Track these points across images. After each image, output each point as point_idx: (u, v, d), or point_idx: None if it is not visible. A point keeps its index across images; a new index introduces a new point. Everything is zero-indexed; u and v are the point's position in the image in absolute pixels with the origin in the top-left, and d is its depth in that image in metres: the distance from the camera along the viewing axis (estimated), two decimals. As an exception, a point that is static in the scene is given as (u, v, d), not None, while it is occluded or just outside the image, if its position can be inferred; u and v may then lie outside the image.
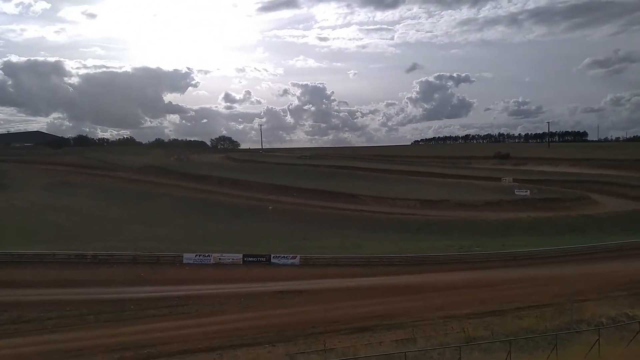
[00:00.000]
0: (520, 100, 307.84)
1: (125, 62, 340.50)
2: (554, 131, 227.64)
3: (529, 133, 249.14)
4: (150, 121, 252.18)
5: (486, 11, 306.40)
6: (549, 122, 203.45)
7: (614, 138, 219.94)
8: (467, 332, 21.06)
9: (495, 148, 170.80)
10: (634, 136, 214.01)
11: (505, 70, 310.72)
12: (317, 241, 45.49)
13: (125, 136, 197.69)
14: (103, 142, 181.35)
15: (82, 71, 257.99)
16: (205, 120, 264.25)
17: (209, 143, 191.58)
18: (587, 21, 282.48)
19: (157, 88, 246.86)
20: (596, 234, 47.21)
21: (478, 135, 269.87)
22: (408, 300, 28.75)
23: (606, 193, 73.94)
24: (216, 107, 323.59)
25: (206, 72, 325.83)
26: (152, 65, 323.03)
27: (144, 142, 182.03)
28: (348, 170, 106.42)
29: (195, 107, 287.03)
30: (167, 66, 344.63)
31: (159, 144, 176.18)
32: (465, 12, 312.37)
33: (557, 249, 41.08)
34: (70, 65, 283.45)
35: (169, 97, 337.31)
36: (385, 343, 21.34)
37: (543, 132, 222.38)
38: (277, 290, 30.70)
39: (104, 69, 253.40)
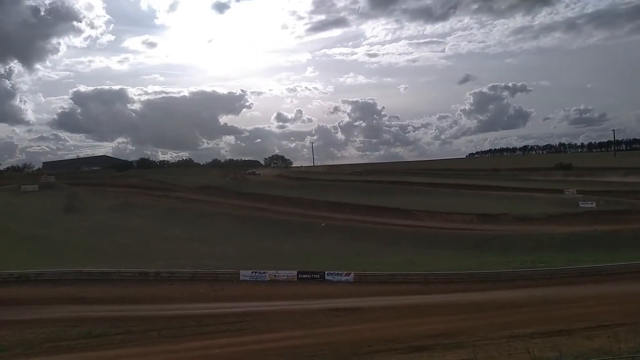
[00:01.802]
0: (581, 108, 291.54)
1: (183, 87, 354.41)
2: (620, 139, 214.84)
3: (593, 142, 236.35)
4: (207, 142, 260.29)
5: (541, 18, 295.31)
6: (614, 130, 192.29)
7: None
8: (532, 352, 20.04)
9: (556, 159, 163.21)
10: None
11: (564, 77, 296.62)
12: (371, 258, 45.05)
13: (184, 157, 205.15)
14: (163, 163, 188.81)
15: (144, 97, 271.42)
16: (258, 140, 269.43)
17: (262, 162, 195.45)
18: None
19: (213, 111, 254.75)
20: (672, 247, 43.79)
21: (537, 145, 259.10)
22: (469, 319, 27.79)
23: (682, 203, 68.49)
24: (269, 126, 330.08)
25: (259, 94, 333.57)
26: (208, 89, 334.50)
27: (201, 163, 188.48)
28: (401, 185, 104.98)
29: (249, 128, 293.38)
30: (222, 89, 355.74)
31: (215, 164, 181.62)
32: (519, 20, 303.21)
33: (629, 264, 38.42)
34: (132, 92, 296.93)
35: (224, 119, 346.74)
36: (444, 363, 20.72)
37: (608, 141, 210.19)
38: (331, 307, 30.60)
39: (164, 95, 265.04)
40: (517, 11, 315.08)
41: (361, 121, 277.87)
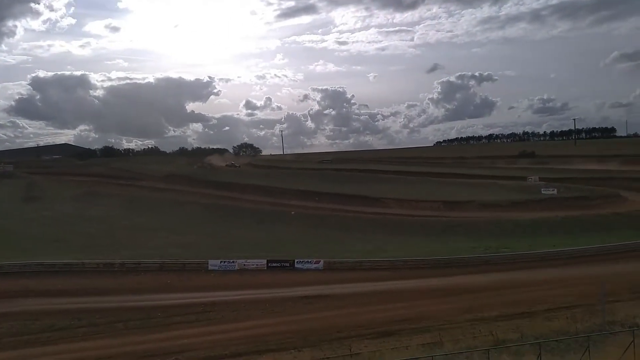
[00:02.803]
0: (545, 97, 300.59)
1: (148, 73, 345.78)
2: (581, 128, 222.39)
3: (555, 131, 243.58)
4: (173, 130, 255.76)
5: (508, 8, 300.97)
6: (575, 119, 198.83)
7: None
8: (495, 335, 20.69)
9: (520, 147, 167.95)
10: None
11: (528, 67, 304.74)
12: (341, 245, 45.40)
13: (149, 146, 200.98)
14: (128, 152, 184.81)
15: (107, 84, 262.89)
16: (227, 128, 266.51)
17: (231, 150, 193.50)
18: (613, 14, 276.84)
19: (179, 98, 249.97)
20: (627, 232, 45.73)
21: (502, 134, 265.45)
22: (435, 304, 28.44)
23: (637, 190, 71.70)
24: (237, 114, 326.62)
25: (227, 80, 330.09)
26: (174, 75, 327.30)
27: (168, 151, 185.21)
28: (370, 174, 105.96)
29: (217, 115, 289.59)
30: (189, 76, 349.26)
31: (182, 152, 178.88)
32: (486, 10, 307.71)
33: (587, 248, 40.05)
34: (95, 78, 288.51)
35: (191, 106, 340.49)
36: (411, 347, 21.12)
37: (569, 130, 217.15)
38: (301, 295, 30.75)
39: (128, 81, 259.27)
40: (485, 1, 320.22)
41: (331, 109, 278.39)
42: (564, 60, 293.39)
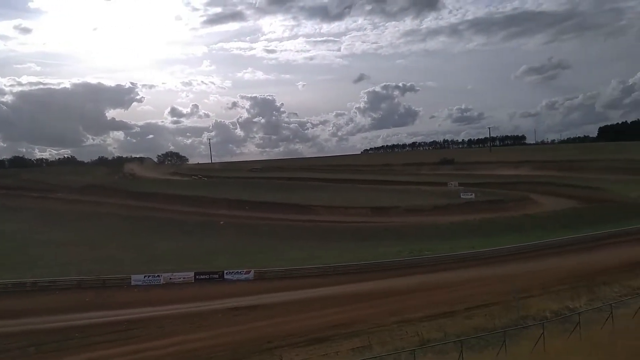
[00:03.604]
0: (463, 107, 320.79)
1: (64, 78, 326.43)
2: (495, 136, 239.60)
3: (472, 138, 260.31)
4: (92, 139, 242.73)
5: (428, 22, 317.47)
6: (489, 128, 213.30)
7: (549, 140, 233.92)
8: (420, 335, 21.51)
9: (441, 154, 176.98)
10: (567, 138, 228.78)
11: (448, 78, 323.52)
12: (272, 254, 45.08)
13: (65, 155, 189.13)
14: (41, 162, 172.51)
15: (17, 88, 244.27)
16: (151, 136, 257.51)
17: (155, 159, 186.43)
18: (522, 30, 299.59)
19: (98, 104, 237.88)
20: (537, 232, 49.61)
21: (424, 142, 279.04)
22: (363, 308, 28.97)
23: (545, 193, 78.05)
24: (162, 122, 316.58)
25: (151, 87, 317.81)
26: (93, 80, 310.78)
27: (86, 161, 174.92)
28: (300, 182, 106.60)
29: (141, 123, 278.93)
30: (109, 81, 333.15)
31: (102, 162, 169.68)
32: (408, 23, 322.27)
33: (502, 248, 42.81)
34: (2, 82, 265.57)
35: (112, 113, 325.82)
36: (342, 352, 21.42)
37: (485, 137, 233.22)
38: (230, 307, 30.09)
39: (41, 86, 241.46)
40: (407, 14, 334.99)
41: (260, 117, 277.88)
42: (479, 72, 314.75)
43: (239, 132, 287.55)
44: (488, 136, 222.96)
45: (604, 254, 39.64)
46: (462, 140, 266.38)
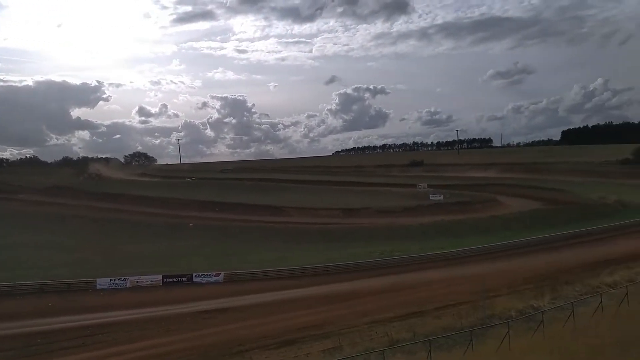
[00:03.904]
0: (432, 110, 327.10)
1: (27, 76, 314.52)
2: (463, 139, 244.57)
3: (441, 141, 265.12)
4: (56, 138, 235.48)
5: (399, 25, 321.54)
6: (457, 131, 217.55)
7: (515, 143, 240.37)
8: (390, 335, 21.73)
9: (411, 156, 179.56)
10: (532, 141, 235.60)
11: (418, 81, 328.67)
12: (242, 256, 44.73)
13: (28, 155, 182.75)
14: (2, 162, 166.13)
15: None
16: (118, 136, 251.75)
17: (122, 160, 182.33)
18: (489, 35, 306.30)
19: (63, 103, 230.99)
20: (504, 233, 50.90)
21: (395, 144, 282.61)
22: (335, 309, 29.02)
23: (511, 194, 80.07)
24: (130, 121, 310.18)
25: (118, 86, 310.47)
26: (57, 78, 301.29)
27: (49, 161, 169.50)
28: (271, 183, 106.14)
29: (107, 122, 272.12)
30: (75, 79, 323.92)
31: (66, 162, 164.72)
32: (379, 27, 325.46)
33: (470, 249, 43.73)
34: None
35: (77, 112, 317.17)
36: (312, 354, 21.45)
37: (453, 140, 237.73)
38: (200, 310, 29.69)
39: (1, 83, 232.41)
40: (378, 17, 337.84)
41: (231, 118, 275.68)
42: (448, 75, 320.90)
43: (209, 132, 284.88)
44: (456, 139, 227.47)
45: (567, 254, 40.97)
46: (432, 142, 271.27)
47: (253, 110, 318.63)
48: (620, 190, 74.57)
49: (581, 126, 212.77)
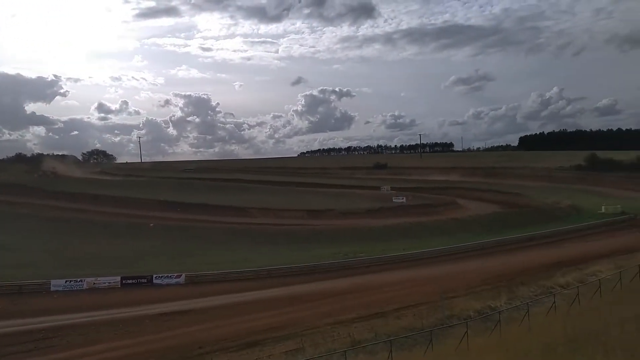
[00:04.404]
0: (396, 114, 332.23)
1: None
2: (426, 143, 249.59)
3: (404, 144, 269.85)
4: (9, 134, 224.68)
5: (364, 29, 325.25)
6: (420, 135, 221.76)
7: (475, 148, 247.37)
8: (352, 336, 21.89)
9: (375, 159, 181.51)
10: (491, 146, 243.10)
11: (382, 85, 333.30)
12: (205, 257, 44.05)
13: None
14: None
15: None
16: (75, 133, 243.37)
17: (80, 157, 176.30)
18: (451, 42, 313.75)
19: (16, 97, 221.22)
20: (463, 235, 52.20)
21: (359, 147, 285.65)
22: (297, 310, 28.97)
23: (471, 198, 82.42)
24: (88, 118, 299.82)
25: (77, 80, 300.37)
26: (11, 71, 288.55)
27: (1, 158, 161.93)
28: (235, 183, 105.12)
29: (64, 118, 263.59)
30: (30, 73, 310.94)
31: (20, 158, 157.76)
32: (345, 30, 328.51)
33: (431, 250, 44.62)
34: None
35: (32, 107, 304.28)
36: (274, 356, 21.33)
37: (416, 144, 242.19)
38: (159, 312, 28.99)
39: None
40: (345, 20, 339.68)
41: (195, 116, 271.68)
42: (412, 80, 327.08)
43: (171, 130, 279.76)
44: (419, 142, 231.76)
45: (523, 255, 42.41)
46: (395, 145, 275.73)
47: (217, 109, 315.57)
48: (573, 195, 78.04)
49: (537, 133, 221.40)
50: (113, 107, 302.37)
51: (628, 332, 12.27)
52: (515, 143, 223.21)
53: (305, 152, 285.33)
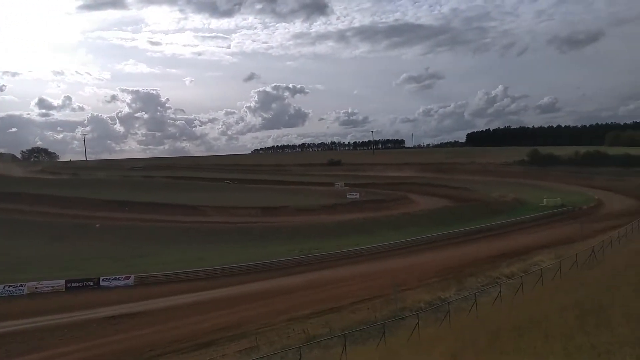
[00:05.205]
0: (349, 111, 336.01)
1: None
2: (378, 139, 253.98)
3: (358, 141, 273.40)
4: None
5: (317, 26, 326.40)
6: (373, 132, 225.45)
7: (425, 145, 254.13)
8: (307, 332, 21.93)
9: (329, 155, 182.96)
10: (440, 143, 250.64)
11: (336, 82, 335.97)
12: (155, 258, 42.83)
13: None
14: None
15: None
16: (14, 130, 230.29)
17: (19, 155, 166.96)
18: (402, 41, 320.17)
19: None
20: (414, 229, 53.46)
21: (313, 143, 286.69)
22: (252, 308, 28.75)
23: (422, 193, 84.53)
24: (28, 114, 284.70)
25: (14, 74, 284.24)
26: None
27: None
28: (186, 181, 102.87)
29: (1, 115, 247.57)
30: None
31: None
32: (298, 26, 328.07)
33: (383, 245, 45.45)
34: None
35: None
36: (228, 355, 21.07)
37: (369, 140, 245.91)
38: (107, 315, 27.96)
39: None
40: (297, 17, 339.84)
41: (143, 112, 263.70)
42: (365, 78, 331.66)
43: (118, 127, 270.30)
44: (372, 139, 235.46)
45: (471, 247, 43.91)
46: (349, 142, 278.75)
47: (167, 105, 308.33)
48: (517, 189, 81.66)
49: (484, 129, 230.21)
50: (55, 102, 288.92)
51: (567, 319, 12.93)
52: (463, 139, 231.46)
53: (259, 149, 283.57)
